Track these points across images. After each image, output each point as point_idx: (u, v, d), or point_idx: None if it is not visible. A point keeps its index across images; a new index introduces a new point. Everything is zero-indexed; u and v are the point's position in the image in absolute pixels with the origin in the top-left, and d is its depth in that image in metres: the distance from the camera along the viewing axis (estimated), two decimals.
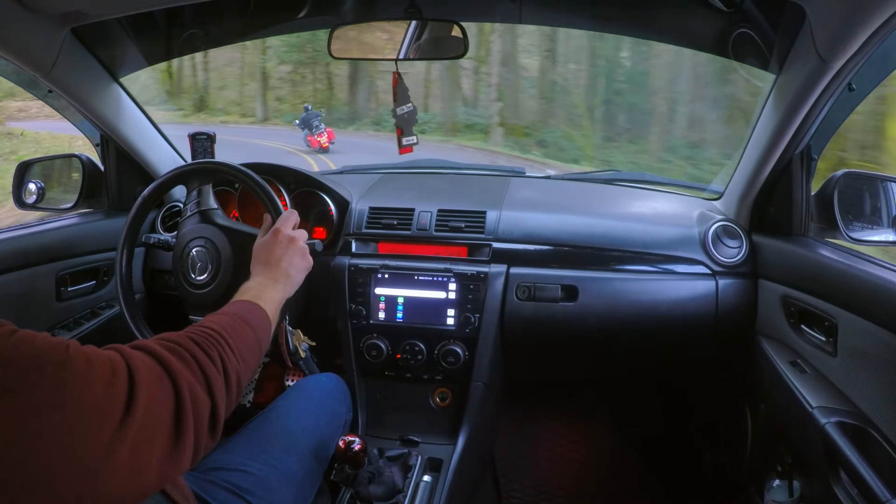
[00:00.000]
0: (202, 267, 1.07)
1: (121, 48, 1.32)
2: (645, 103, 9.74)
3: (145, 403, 0.52)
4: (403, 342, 1.33)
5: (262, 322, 0.78)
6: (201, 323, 0.70)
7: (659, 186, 1.66)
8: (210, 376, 0.61)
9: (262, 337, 0.76)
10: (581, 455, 1.81)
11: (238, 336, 0.70)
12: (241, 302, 0.81)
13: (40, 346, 0.47)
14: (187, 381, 0.58)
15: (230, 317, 0.73)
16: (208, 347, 0.64)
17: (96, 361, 0.51)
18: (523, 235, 1.34)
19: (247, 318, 0.75)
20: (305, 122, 9.87)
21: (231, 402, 0.65)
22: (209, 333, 0.67)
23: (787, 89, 1.04)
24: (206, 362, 0.62)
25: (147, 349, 0.58)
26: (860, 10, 0.80)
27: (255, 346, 0.74)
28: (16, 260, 1.19)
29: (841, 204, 1.09)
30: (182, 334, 0.65)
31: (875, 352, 0.87)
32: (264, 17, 1.45)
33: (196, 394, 0.58)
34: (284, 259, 0.92)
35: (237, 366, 0.67)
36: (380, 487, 1.14)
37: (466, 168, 1.84)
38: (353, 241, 1.39)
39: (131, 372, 0.53)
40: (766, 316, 1.22)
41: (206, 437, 0.60)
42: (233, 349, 0.68)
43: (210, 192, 1.17)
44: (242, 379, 0.68)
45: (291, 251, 0.93)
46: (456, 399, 1.39)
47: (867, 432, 0.87)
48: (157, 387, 0.55)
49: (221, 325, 0.70)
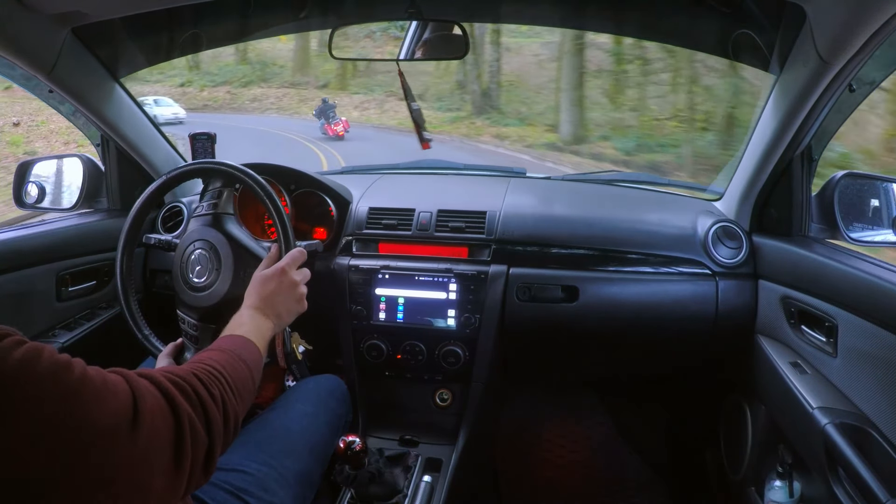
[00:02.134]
0: (200, 270, 1.06)
1: (121, 48, 1.32)
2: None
3: (147, 433, 0.52)
4: (404, 342, 1.33)
5: (256, 361, 0.79)
6: (203, 360, 0.70)
7: (659, 187, 1.66)
8: (210, 414, 0.62)
9: (255, 376, 0.77)
10: (581, 455, 1.81)
11: (237, 375, 0.71)
12: (237, 338, 0.81)
13: (46, 365, 0.47)
14: (188, 416, 0.58)
15: (230, 355, 0.74)
16: (211, 385, 0.64)
17: (102, 387, 0.50)
18: (524, 236, 1.34)
19: (244, 356, 0.76)
20: (322, 113, 10.62)
21: (227, 442, 0.66)
22: (211, 371, 0.67)
23: (787, 90, 1.04)
24: (208, 400, 0.62)
25: (152, 379, 0.58)
26: (861, 10, 0.80)
27: (251, 385, 0.75)
28: (16, 260, 1.19)
29: (841, 205, 1.09)
30: (187, 370, 0.65)
31: (875, 352, 0.87)
32: (265, 18, 1.45)
33: (196, 430, 0.59)
34: (280, 300, 0.92)
35: (235, 405, 0.67)
36: (380, 488, 1.14)
37: (466, 168, 1.84)
38: (353, 242, 1.39)
39: (136, 400, 0.53)
40: (766, 316, 1.22)
41: (199, 474, 0.60)
42: (232, 389, 0.68)
43: (232, 198, 1.14)
44: (239, 418, 0.69)
45: (289, 294, 0.93)
46: (456, 399, 1.39)
47: (867, 433, 0.87)
48: (159, 417, 0.55)
49: (222, 364, 0.70)
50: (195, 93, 17.99)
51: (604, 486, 1.71)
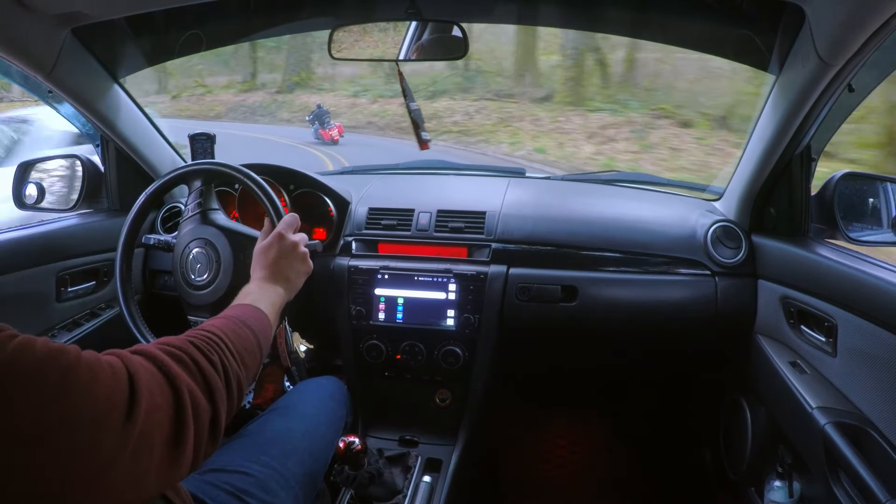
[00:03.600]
0: (202, 268, 1.07)
1: (121, 49, 1.32)
2: None
3: (146, 409, 0.51)
4: (403, 343, 1.33)
5: (262, 326, 0.78)
6: (202, 326, 0.69)
7: (659, 187, 1.66)
8: (211, 381, 0.61)
9: (262, 341, 0.76)
10: (581, 455, 1.81)
11: (239, 340, 0.70)
12: (241, 305, 0.80)
13: (41, 352, 0.47)
14: (188, 387, 0.57)
15: (231, 321, 0.73)
16: (209, 352, 0.63)
17: (98, 368, 0.50)
18: (523, 236, 1.34)
19: (248, 321, 0.75)
20: (318, 118, 10.71)
21: (232, 407, 0.65)
22: (210, 337, 0.66)
23: (787, 90, 1.04)
24: (207, 367, 0.61)
25: (147, 354, 0.58)
26: (860, 10, 0.80)
27: (256, 349, 0.74)
28: (16, 260, 1.19)
29: (841, 205, 1.09)
30: (183, 339, 0.64)
31: (875, 352, 0.87)
32: (264, 18, 1.45)
33: (196, 399, 0.58)
34: (285, 263, 0.92)
35: (238, 370, 0.66)
36: (380, 488, 1.15)
37: (466, 168, 1.84)
38: (353, 242, 1.39)
39: (132, 378, 0.52)
40: (765, 316, 1.22)
41: (207, 442, 0.59)
42: (234, 353, 0.67)
43: (212, 193, 1.17)
44: (243, 383, 0.68)
45: (292, 256, 0.94)
46: (456, 399, 1.39)
47: (867, 433, 0.87)
48: (157, 393, 0.54)
49: (222, 329, 0.69)
50: (366, 104, 14.02)
51: (603, 485, 1.71)
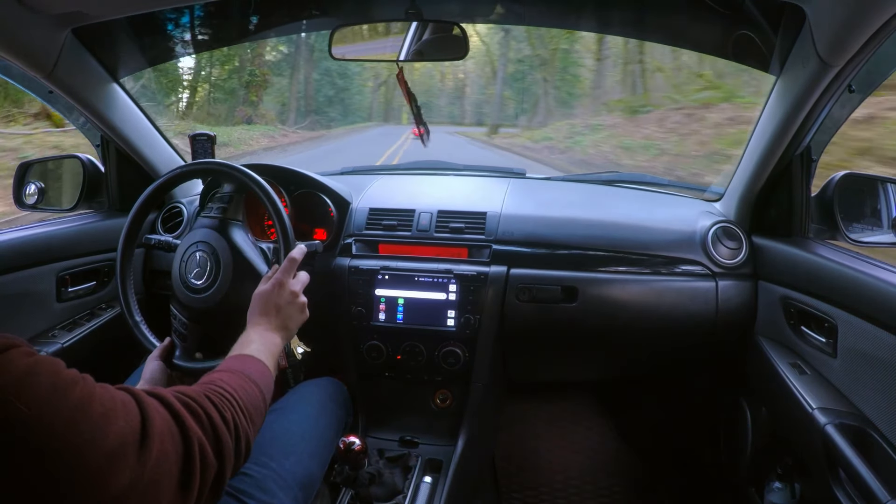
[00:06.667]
0: (199, 272, 1.06)
1: (122, 49, 1.32)
2: None
3: (156, 456, 0.51)
4: (404, 343, 1.33)
5: (267, 381, 0.78)
6: (214, 381, 0.69)
7: (659, 188, 1.66)
8: (222, 438, 0.61)
9: (266, 397, 0.76)
10: (581, 456, 1.81)
11: (248, 397, 0.70)
12: (247, 358, 0.79)
13: (49, 379, 0.46)
14: (199, 440, 0.57)
15: (241, 377, 0.73)
16: (223, 408, 0.63)
17: (111, 405, 0.49)
18: (523, 237, 1.34)
19: (255, 377, 0.75)
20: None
21: (238, 465, 0.64)
22: (223, 394, 0.66)
23: (787, 91, 1.04)
24: (220, 424, 0.61)
25: (163, 400, 0.57)
26: (860, 11, 0.80)
27: (262, 406, 0.74)
28: (16, 260, 1.19)
29: (841, 205, 1.09)
30: (199, 391, 0.64)
31: (875, 353, 0.87)
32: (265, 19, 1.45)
33: (206, 454, 0.57)
34: (284, 313, 0.92)
35: (247, 428, 0.66)
36: (380, 488, 1.14)
37: (466, 169, 1.84)
38: (353, 243, 1.39)
39: (145, 421, 0.52)
40: (765, 317, 1.22)
41: (208, 497, 0.59)
42: (244, 411, 0.67)
43: (241, 204, 1.12)
44: (251, 442, 0.67)
45: (292, 307, 0.93)
46: (456, 400, 1.39)
47: (867, 433, 0.87)
48: (168, 441, 0.54)
49: (234, 387, 0.69)
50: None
51: (603, 486, 1.71)
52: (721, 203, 1.40)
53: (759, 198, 1.25)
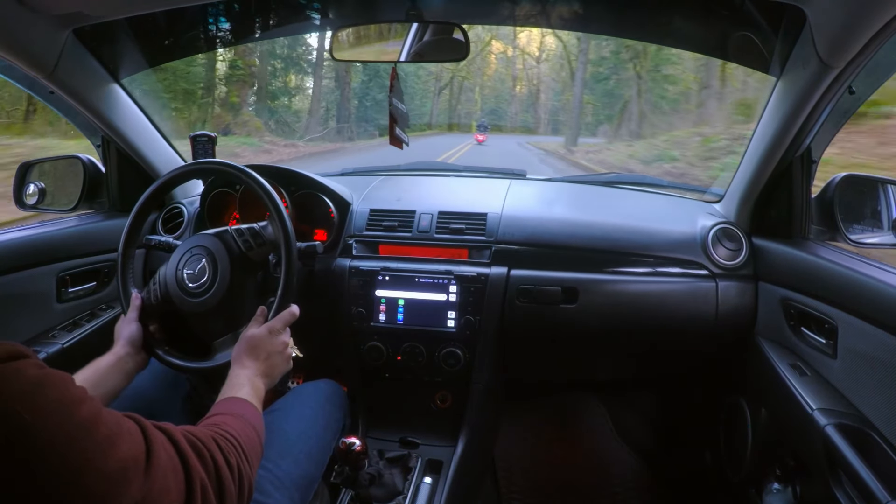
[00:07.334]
0: (195, 277, 1.05)
1: (122, 50, 1.32)
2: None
3: (158, 489, 0.51)
4: (404, 344, 1.33)
5: (261, 426, 0.79)
6: (219, 424, 0.70)
7: (659, 189, 1.66)
8: (224, 483, 0.61)
9: (261, 441, 0.77)
10: (581, 456, 1.81)
11: (249, 443, 0.71)
12: (244, 403, 0.80)
13: (56, 394, 0.46)
14: (202, 482, 0.57)
15: (243, 422, 0.73)
16: (228, 453, 0.64)
17: (116, 429, 0.49)
18: (524, 237, 1.34)
19: (253, 422, 0.76)
20: (481, 126, 17.42)
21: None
22: (229, 439, 0.66)
23: (787, 92, 1.04)
24: (224, 468, 0.62)
25: (171, 437, 0.57)
26: (861, 12, 0.80)
27: (259, 450, 0.75)
28: (16, 260, 1.19)
29: (841, 206, 1.09)
30: (207, 434, 0.64)
31: (875, 354, 0.87)
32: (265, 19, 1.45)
33: (207, 496, 0.58)
34: (270, 361, 0.93)
35: (249, 474, 0.67)
36: (380, 489, 1.14)
37: (467, 170, 1.84)
38: (353, 244, 1.39)
39: (149, 453, 0.52)
40: (766, 318, 1.22)
41: None
42: (247, 457, 0.68)
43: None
44: (252, 484, 0.68)
45: (278, 357, 0.95)
46: (456, 401, 1.39)
47: (867, 434, 0.87)
48: (171, 478, 0.54)
49: (237, 432, 0.70)
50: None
51: (603, 486, 1.71)
52: (721, 204, 1.40)
53: (760, 199, 1.25)
